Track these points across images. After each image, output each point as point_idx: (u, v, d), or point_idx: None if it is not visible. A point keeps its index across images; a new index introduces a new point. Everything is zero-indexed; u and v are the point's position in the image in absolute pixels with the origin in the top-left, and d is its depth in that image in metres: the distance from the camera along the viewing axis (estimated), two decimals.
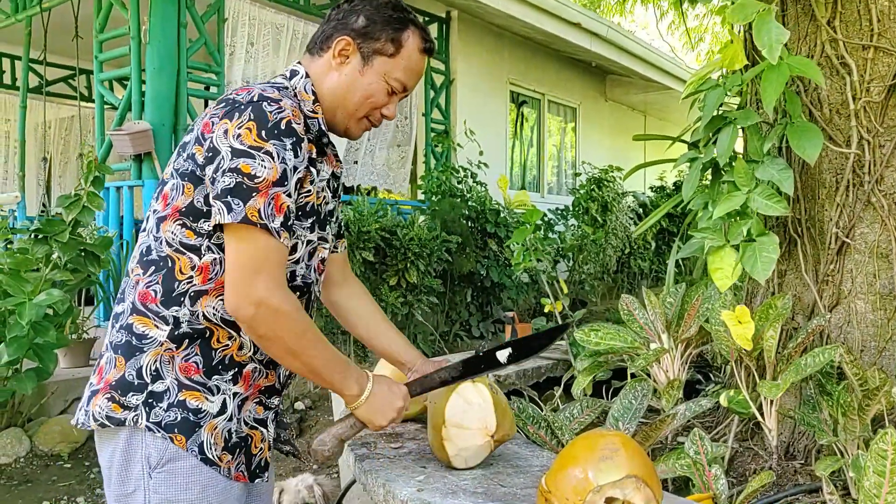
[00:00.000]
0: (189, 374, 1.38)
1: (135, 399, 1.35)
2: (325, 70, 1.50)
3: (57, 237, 3.89)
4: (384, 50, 1.49)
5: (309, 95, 1.48)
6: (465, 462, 1.66)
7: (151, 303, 1.38)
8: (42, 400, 4.31)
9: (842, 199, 2.16)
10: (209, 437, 1.38)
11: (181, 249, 1.37)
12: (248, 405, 1.46)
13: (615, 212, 7.66)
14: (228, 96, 1.40)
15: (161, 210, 1.39)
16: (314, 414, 4.89)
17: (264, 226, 1.29)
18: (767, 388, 1.86)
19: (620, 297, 2.65)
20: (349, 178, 7.32)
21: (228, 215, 1.28)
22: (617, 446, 1.20)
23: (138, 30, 5.40)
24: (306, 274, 1.50)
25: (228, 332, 1.41)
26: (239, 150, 1.29)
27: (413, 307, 5.61)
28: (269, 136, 1.30)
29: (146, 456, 1.35)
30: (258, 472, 1.49)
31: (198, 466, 1.36)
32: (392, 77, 1.50)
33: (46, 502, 3.53)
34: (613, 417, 2.05)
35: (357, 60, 1.48)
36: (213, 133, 1.33)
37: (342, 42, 1.48)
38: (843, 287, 2.19)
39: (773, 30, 1.90)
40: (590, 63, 9.62)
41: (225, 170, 1.29)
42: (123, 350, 1.38)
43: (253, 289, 1.29)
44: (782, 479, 2.11)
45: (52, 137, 9.52)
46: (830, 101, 2.19)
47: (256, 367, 1.46)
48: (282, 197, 1.31)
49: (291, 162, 1.32)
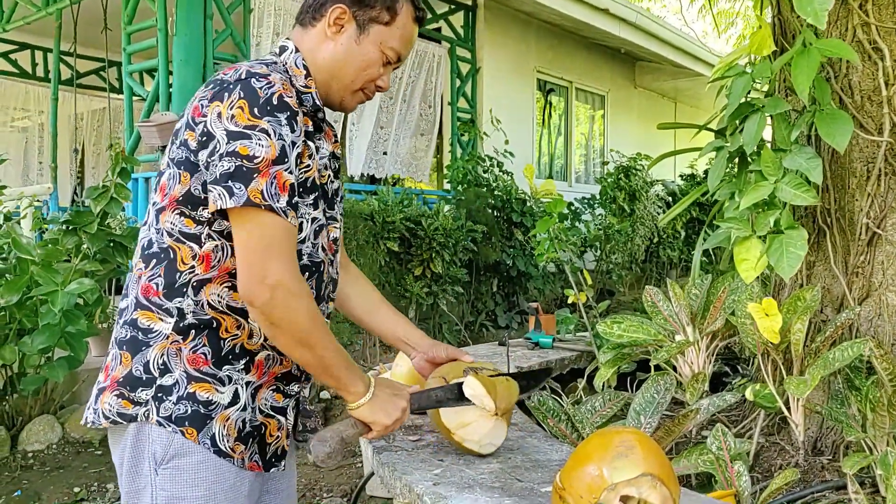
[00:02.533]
0: (198, 365, 1.34)
1: (144, 394, 1.33)
2: (319, 41, 1.44)
3: (86, 228, 3.93)
4: (380, 18, 1.44)
5: (300, 70, 1.43)
6: (493, 446, 1.68)
7: (154, 296, 1.35)
8: (74, 388, 4.38)
9: (873, 188, 2.10)
10: (221, 428, 1.34)
11: (181, 239, 1.34)
12: (263, 393, 1.42)
13: (643, 201, 7.57)
14: (216, 77, 1.36)
15: (160, 201, 1.36)
16: (339, 403, 4.91)
17: (269, 206, 1.25)
18: (795, 386, 1.82)
19: (645, 289, 2.62)
20: (380, 170, 7.33)
21: (231, 199, 1.24)
22: (632, 444, 1.18)
23: (165, 22, 5.44)
24: (313, 252, 1.45)
25: (236, 319, 1.37)
26: (234, 133, 1.25)
27: (438, 297, 5.61)
28: (263, 113, 1.26)
29: (152, 452, 1.33)
30: (274, 461, 1.45)
31: (205, 462, 1.33)
32: (388, 46, 1.46)
33: (77, 488, 3.59)
34: (635, 411, 2.02)
35: (352, 29, 1.43)
36: (205, 117, 1.29)
37: (337, 10, 1.42)
38: (873, 279, 2.13)
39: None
40: (619, 50, 9.50)
41: (222, 153, 1.25)
42: (129, 346, 1.36)
43: (268, 271, 1.25)
44: (809, 474, 2.07)
45: (85, 129, 9.67)
46: (862, 87, 2.13)
47: (269, 355, 1.42)
48: (283, 175, 1.27)
49: (289, 137, 1.28)
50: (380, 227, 5.20)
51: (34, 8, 6.89)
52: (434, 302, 5.64)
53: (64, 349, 3.82)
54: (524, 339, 3.57)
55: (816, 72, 1.85)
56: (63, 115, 8.17)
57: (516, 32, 8.27)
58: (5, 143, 9.06)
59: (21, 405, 4.15)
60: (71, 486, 3.61)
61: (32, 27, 7.42)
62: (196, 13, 5.37)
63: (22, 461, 3.87)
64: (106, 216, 4.04)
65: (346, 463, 3.93)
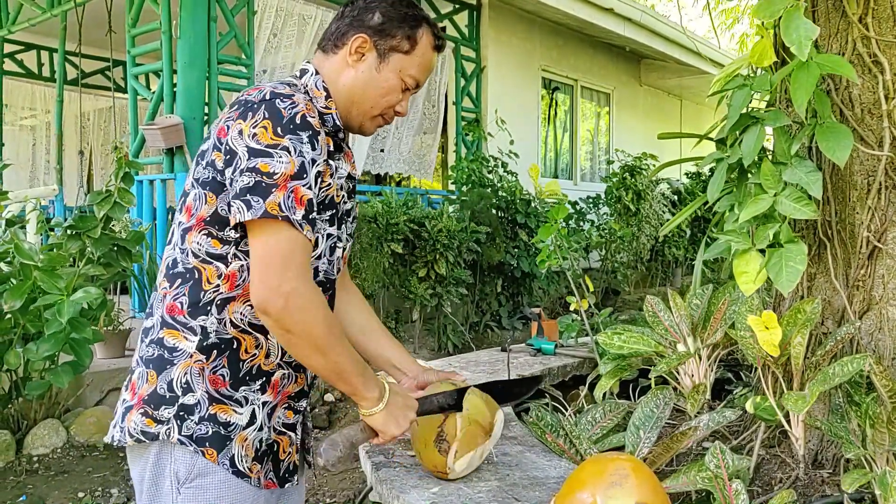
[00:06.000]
0: (217, 386, 1.37)
1: (167, 413, 1.35)
2: (341, 68, 1.49)
3: (89, 233, 3.95)
4: (400, 47, 1.48)
5: (321, 92, 1.47)
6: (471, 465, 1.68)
7: (179, 314, 1.38)
8: (78, 391, 4.40)
9: (873, 202, 2.09)
10: (240, 449, 1.37)
11: (208, 259, 1.37)
12: (277, 412, 1.46)
13: (649, 200, 7.55)
14: (241, 98, 1.39)
15: (185, 221, 1.39)
16: (343, 406, 4.92)
17: (286, 218, 1.27)
18: (793, 402, 1.81)
19: (646, 298, 2.61)
20: (376, 167, 7.33)
21: (248, 212, 1.27)
22: (627, 472, 1.18)
23: (169, 24, 5.45)
24: (329, 270, 1.49)
25: (256, 338, 1.40)
26: (256, 150, 1.28)
27: (442, 299, 5.61)
28: (285, 132, 1.30)
29: (174, 471, 1.35)
30: (287, 476, 1.48)
31: (227, 481, 1.36)
32: (407, 74, 1.50)
33: (82, 493, 3.61)
34: (634, 426, 2.02)
35: (373, 58, 1.48)
36: (228, 136, 1.32)
37: (359, 39, 1.47)
38: (874, 293, 2.12)
39: (802, 26, 1.83)
40: (624, 48, 9.47)
41: (243, 169, 1.28)
42: (155, 364, 1.38)
43: (283, 279, 1.27)
44: (809, 488, 2.06)
45: (91, 128, 9.71)
46: (862, 100, 2.12)
47: (285, 374, 1.45)
48: (301, 189, 1.29)
49: (309, 155, 1.32)
50: (384, 230, 5.20)
51: (39, 10, 6.91)
52: (438, 303, 5.64)
53: (69, 354, 3.83)
54: (526, 344, 3.57)
55: (815, 86, 1.85)
56: (69, 115, 8.20)
57: (521, 31, 8.25)
58: (14, 143, 9.11)
59: (26, 409, 4.17)
60: (75, 491, 3.63)
61: (38, 28, 7.44)
62: (200, 15, 5.38)
63: (27, 465, 3.89)
64: (109, 220, 4.05)
65: (350, 467, 3.95)
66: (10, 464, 3.89)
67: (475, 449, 1.64)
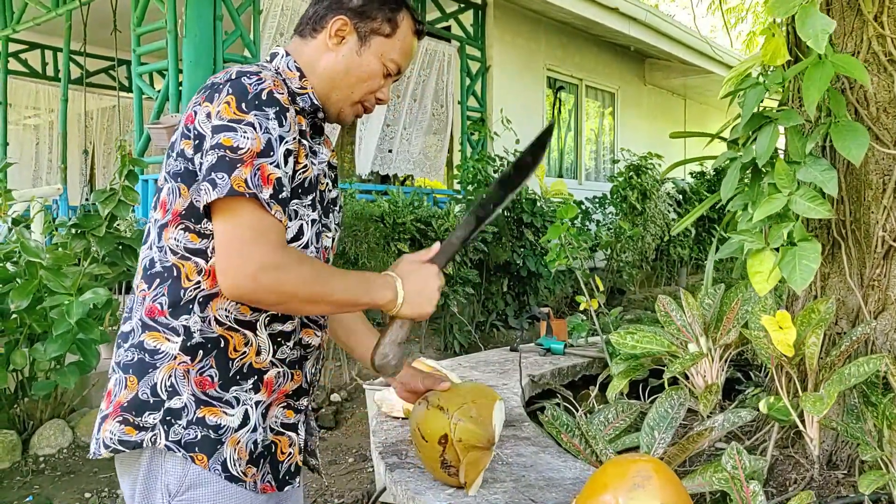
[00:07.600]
0: (204, 388, 1.30)
1: (151, 418, 1.28)
2: (320, 52, 1.43)
3: (94, 232, 3.94)
4: (381, 30, 1.43)
5: (293, 73, 1.42)
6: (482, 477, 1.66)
7: (160, 315, 1.31)
8: (84, 391, 4.40)
9: (889, 201, 2.07)
10: (232, 452, 1.30)
11: (186, 255, 1.30)
12: (273, 411, 1.39)
13: (654, 199, 7.54)
14: (207, 82, 1.34)
15: (161, 218, 1.33)
16: (350, 406, 4.92)
17: (253, 195, 1.20)
18: (811, 403, 1.80)
19: (658, 297, 2.60)
20: (385, 167, 7.32)
21: (214, 191, 1.19)
22: (649, 473, 1.17)
23: (175, 23, 5.44)
24: (317, 258, 1.41)
25: (244, 335, 1.33)
26: (219, 126, 1.23)
27: (449, 298, 5.60)
28: (250, 108, 1.24)
29: (165, 484, 1.29)
30: (287, 478, 1.41)
31: (221, 491, 1.30)
32: (389, 58, 1.45)
33: (89, 493, 3.61)
34: (649, 426, 2.01)
35: (354, 41, 1.42)
36: (195, 121, 1.27)
37: (338, 22, 1.41)
38: (889, 293, 2.11)
39: (819, 20, 1.81)
40: (628, 47, 9.46)
41: (207, 149, 1.23)
42: (135, 368, 1.31)
43: (248, 259, 1.19)
44: (825, 489, 2.05)
45: (95, 127, 9.71)
46: (878, 98, 2.10)
47: (280, 372, 1.39)
48: (268, 167, 1.22)
49: (276, 132, 1.25)
50: (391, 229, 5.20)
51: (44, 9, 6.90)
52: (445, 303, 5.63)
53: (75, 354, 3.83)
54: (535, 344, 3.55)
55: (828, 85, 1.83)
56: (73, 114, 8.20)
57: (526, 30, 8.24)
58: (18, 142, 9.12)
59: (32, 409, 4.17)
60: (82, 492, 3.63)
61: (42, 27, 7.45)
62: (205, 14, 5.37)
63: (33, 466, 3.89)
64: (114, 219, 4.05)
65: (356, 468, 3.94)
66: (17, 464, 3.89)
67: (482, 469, 1.61)
